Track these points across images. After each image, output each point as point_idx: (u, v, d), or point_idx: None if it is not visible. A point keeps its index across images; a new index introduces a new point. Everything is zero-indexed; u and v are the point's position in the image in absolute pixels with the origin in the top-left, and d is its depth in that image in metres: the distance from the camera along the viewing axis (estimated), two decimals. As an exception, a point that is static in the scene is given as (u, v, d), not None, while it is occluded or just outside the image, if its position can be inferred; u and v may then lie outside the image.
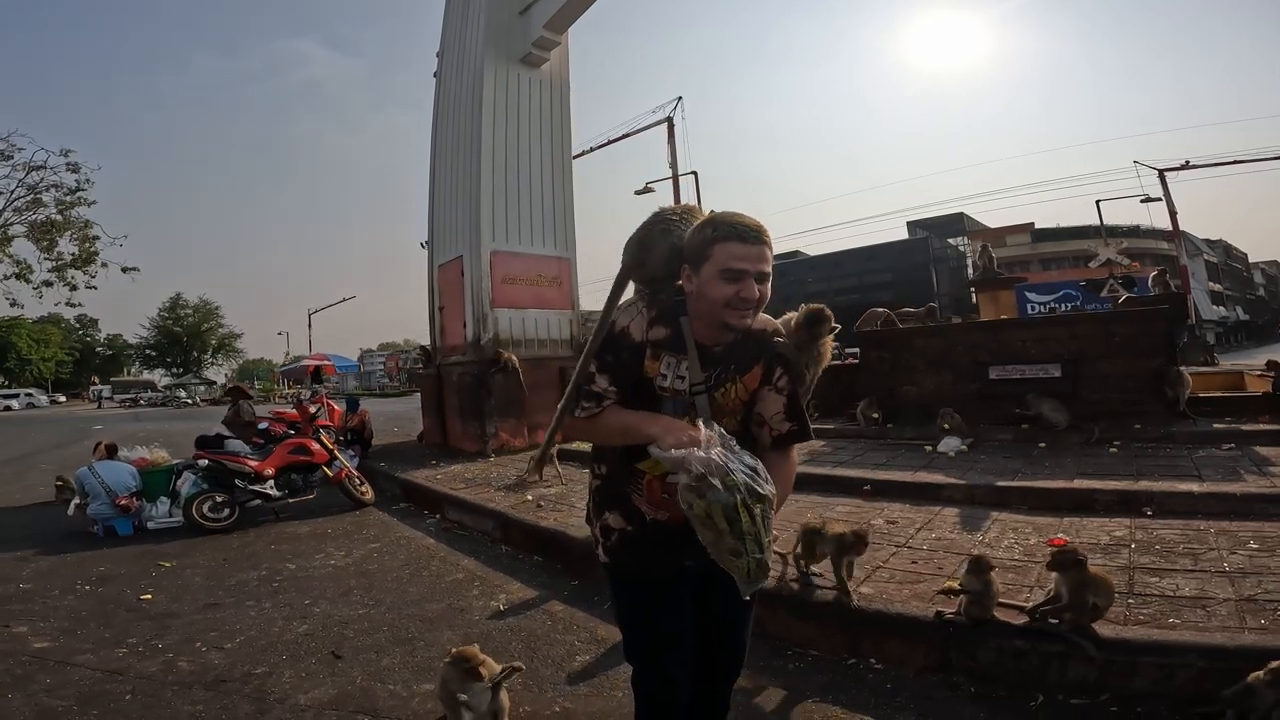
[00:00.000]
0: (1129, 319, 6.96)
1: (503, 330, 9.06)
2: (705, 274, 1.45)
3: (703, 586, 1.62)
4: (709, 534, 1.36)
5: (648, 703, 1.69)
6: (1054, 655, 2.46)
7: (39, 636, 3.35)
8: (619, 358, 1.53)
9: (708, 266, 1.45)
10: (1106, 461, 5.27)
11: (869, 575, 3.27)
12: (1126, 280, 20.20)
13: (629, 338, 1.53)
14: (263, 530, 5.75)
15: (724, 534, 1.34)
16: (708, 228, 1.46)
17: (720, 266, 1.44)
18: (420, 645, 3.15)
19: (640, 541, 1.59)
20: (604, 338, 1.55)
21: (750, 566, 1.35)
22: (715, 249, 1.44)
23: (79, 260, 23.68)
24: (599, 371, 1.53)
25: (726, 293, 1.45)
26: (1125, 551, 3.38)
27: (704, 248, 1.45)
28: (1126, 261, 27.23)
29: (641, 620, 1.65)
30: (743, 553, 1.34)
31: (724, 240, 1.44)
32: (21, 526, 6.14)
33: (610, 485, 1.64)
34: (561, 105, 10.22)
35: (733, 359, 1.57)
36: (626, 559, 1.62)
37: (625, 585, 1.67)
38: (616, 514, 1.61)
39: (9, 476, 9.90)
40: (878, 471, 5.36)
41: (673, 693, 1.65)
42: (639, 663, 1.68)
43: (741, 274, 1.44)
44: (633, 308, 1.57)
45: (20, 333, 49.10)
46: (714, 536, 1.36)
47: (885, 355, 7.92)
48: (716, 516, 1.34)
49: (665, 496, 1.52)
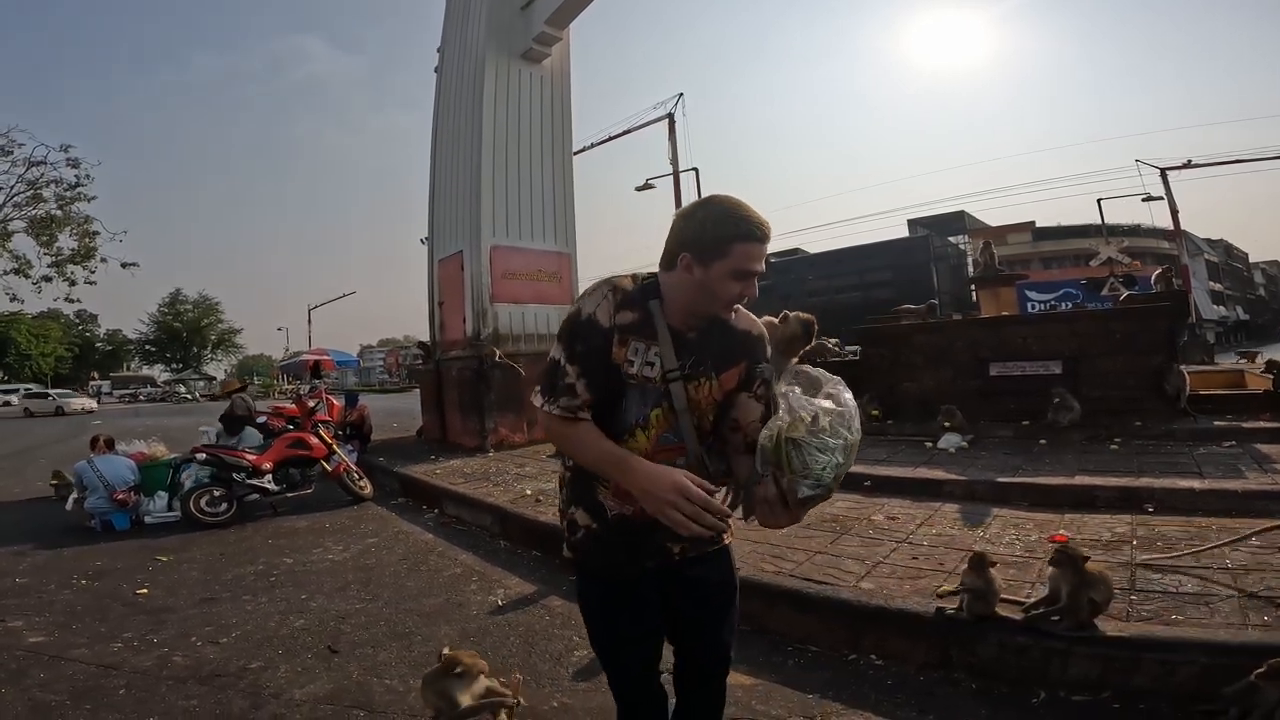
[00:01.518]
0: (1130, 316, 6.94)
1: (502, 325, 9.04)
2: (717, 271, 1.39)
3: (666, 587, 1.59)
4: (800, 431, 1.28)
5: (621, 700, 1.70)
6: (1056, 652, 2.44)
7: (34, 631, 3.33)
8: (589, 345, 1.44)
9: (722, 264, 1.38)
10: (1107, 458, 5.25)
11: (869, 571, 3.25)
12: (1127, 279, 20.18)
13: (596, 324, 1.44)
14: (260, 525, 5.73)
15: (822, 432, 1.29)
16: (728, 223, 1.38)
17: (736, 266, 1.38)
18: (418, 640, 3.13)
19: (604, 541, 1.54)
20: (571, 326, 1.46)
21: (830, 466, 1.30)
22: (736, 248, 1.38)
23: (78, 255, 23.65)
24: (568, 361, 1.44)
25: (733, 291, 1.41)
26: (1127, 548, 3.36)
27: (722, 244, 1.38)
28: (1127, 260, 27.17)
29: (605, 620, 1.63)
30: (831, 450, 1.29)
31: (744, 240, 1.38)
32: (19, 521, 6.13)
33: (579, 477, 1.57)
34: (562, 101, 10.19)
35: (708, 352, 1.51)
36: (591, 558, 1.58)
37: (590, 583, 1.64)
38: (582, 510, 1.55)
39: (7, 471, 9.89)
40: (878, 467, 5.34)
41: (641, 690, 1.67)
42: (605, 661, 1.69)
43: (751, 274, 1.41)
44: (597, 292, 1.47)
45: (20, 328, 48.90)
46: (806, 434, 1.28)
47: (885, 352, 7.90)
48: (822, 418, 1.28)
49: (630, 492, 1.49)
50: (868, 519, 4.20)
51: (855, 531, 3.95)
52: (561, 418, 1.44)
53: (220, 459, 5.99)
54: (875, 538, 3.80)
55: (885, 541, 3.72)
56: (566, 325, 1.47)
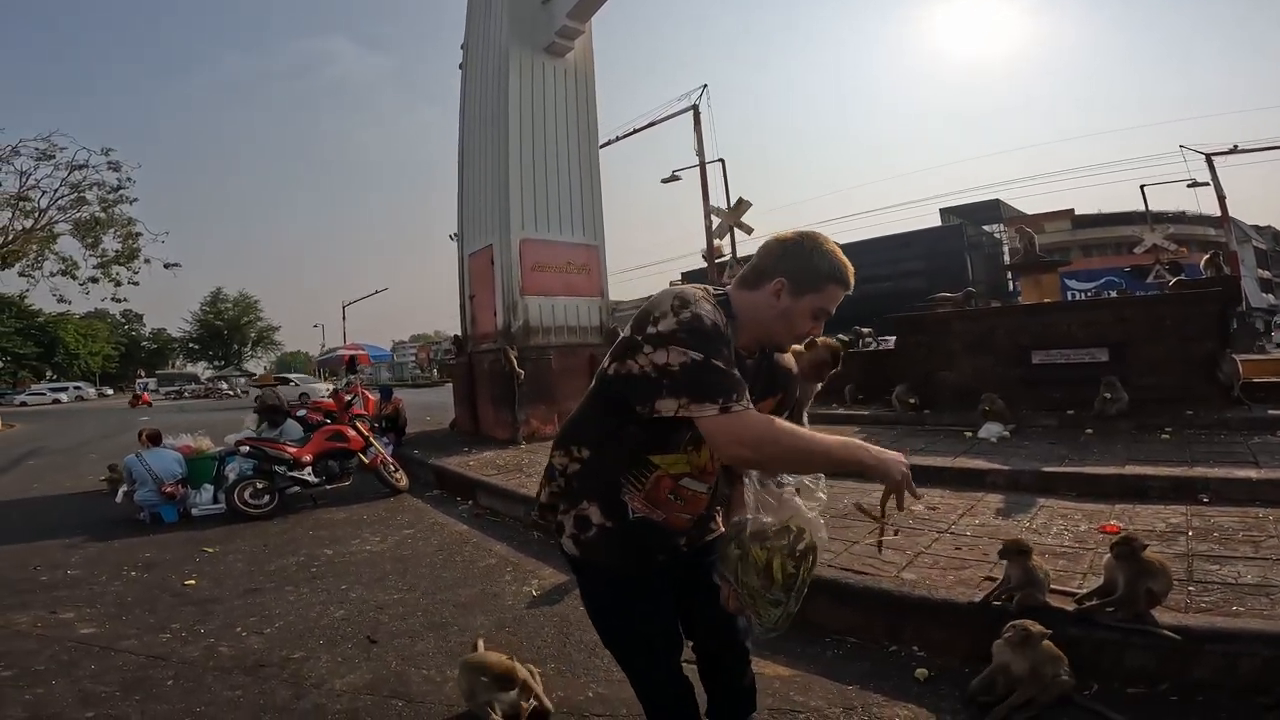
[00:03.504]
0: (1180, 301, 6.71)
1: (533, 318, 9.08)
2: (806, 304, 1.40)
3: (678, 578, 1.57)
4: (754, 581, 1.32)
5: (647, 700, 1.64)
6: (1109, 643, 2.37)
7: (85, 622, 3.43)
8: (730, 349, 1.32)
9: (811, 299, 1.40)
10: (1158, 448, 5.08)
11: (910, 561, 3.18)
12: (1173, 266, 19.54)
13: (722, 331, 1.31)
14: (301, 516, 5.84)
15: (774, 585, 1.30)
16: (830, 262, 1.40)
17: (821, 305, 1.41)
18: (454, 630, 3.15)
19: (621, 536, 1.46)
20: (701, 328, 1.28)
21: (782, 617, 1.33)
22: (830, 287, 1.41)
23: (122, 256, 24.31)
24: (728, 366, 1.28)
25: (806, 328, 1.44)
26: (1182, 539, 3.25)
27: (820, 280, 1.40)
28: (1173, 247, 26.28)
29: (621, 616, 1.56)
30: (783, 603, 1.31)
31: (838, 283, 1.41)
32: (71, 514, 6.34)
33: (596, 473, 1.47)
34: (586, 93, 10.19)
35: (758, 380, 1.48)
36: (607, 555, 1.48)
37: (601, 580, 1.56)
38: (597, 507, 1.46)
39: (60, 465, 10.25)
40: (916, 457, 5.21)
41: (666, 686, 1.61)
42: (624, 658, 1.63)
43: (827, 315, 1.44)
44: (704, 301, 1.33)
45: (68, 328, 50.70)
46: (760, 584, 1.32)
47: (922, 340, 7.75)
48: (776, 567, 1.29)
49: (671, 498, 1.46)
50: (907, 509, 4.11)
51: (894, 522, 3.87)
52: (747, 412, 1.28)
53: (263, 451, 6.13)
54: (915, 528, 3.72)
55: (926, 531, 3.64)
56: (693, 327, 1.28)
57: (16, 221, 22.24)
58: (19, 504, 7.11)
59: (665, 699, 1.63)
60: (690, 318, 1.28)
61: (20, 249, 22.42)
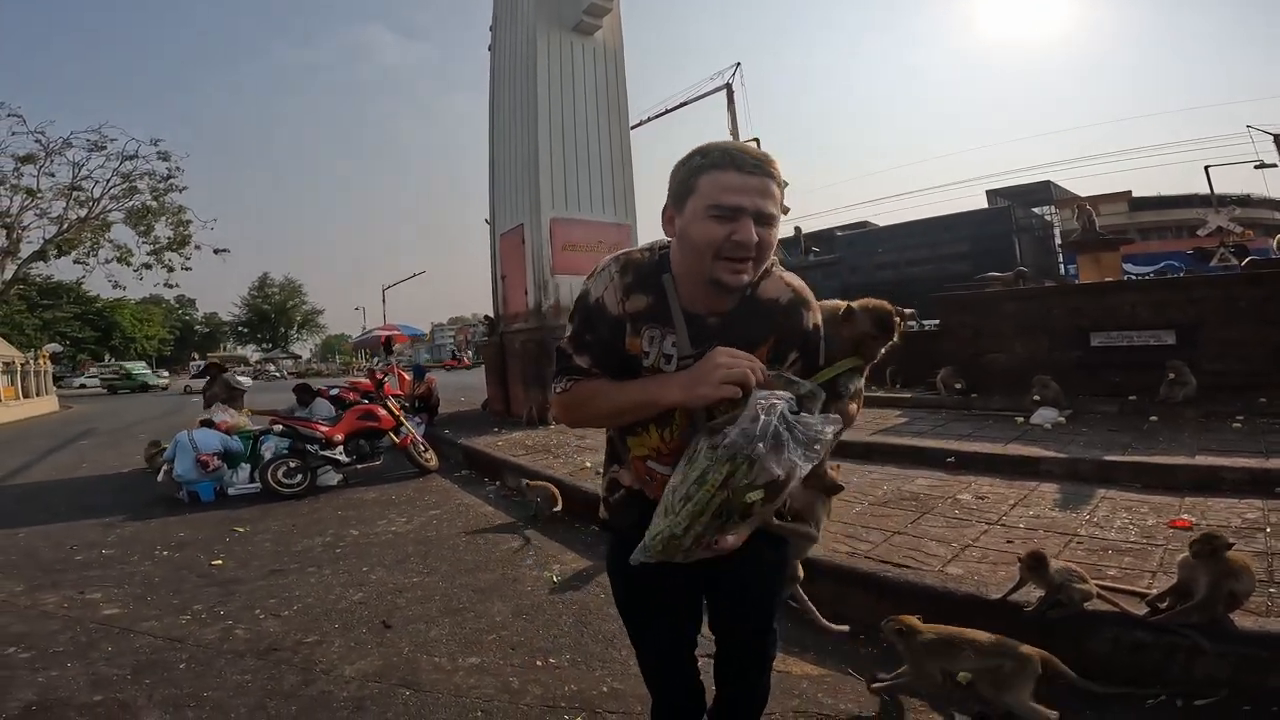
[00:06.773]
0: (1257, 282, 6.17)
1: (564, 297, 8.95)
2: (690, 212, 1.15)
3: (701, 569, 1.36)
4: (676, 477, 1.16)
5: (650, 682, 1.60)
6: (1179, 649, 2.14)
7: (111, 603, 3.41)
8: (598, 335, 1.26)
9: (693, 201, 1.14)
10: (1230, 437, 4.71)
11: (956, 555, 2.95)
12: (1239, 249, 18.46)
13: (605, 311, 1.25)
14: (331, 496, 5.84)
15: (685, 483, 1.12)
16: (695, 155, 1.16)
17: (708, 201, 1.12)
18: (470, 616, 3.04)
19: (629, 504, 1.39)
20: (577, 309, 1.29)
21: (662, 537, 1.14)
22: (702, 180, 1.13)
23: (174, 243, 25.11)
24: (576, 352, 1.28)
25: (715, 235, 1.12)
26: (1261, 536, 2.95)
27: (689, 178, 1.15)
28: (1239, 229, 24.80)
29: (628, 580, 1.41)
30: (672, 512, 1.13)
31: (715, 169, 1.13)
32: (114, 494, 6.45)
33: (612, 443, 1.43)
34: (616, 71, 10.01)
35: (733, 334, 1.21)
36: (623, 517, 1.39)
37: (613, 542, 1.46)
38: (626, 470, 1.39)
39: (107, 444, 10.57)
40: (962, 443, 4.95)
41: (668, 672, 1.56)
42: (631, 629, 1.55)
43: (737, 211, 1.11)
44: (604, 273, 1.27)
45: (124, 313, 52.58)
46: (677, 481, 1.15)
47: (969, 320, 7.38)
48: (711, 479, 1.09)
49: (648, 479, 1.33)
50: (953, 498, 3.86)
51: (938, 511, 3.63)
52: (565, 389, 1.29)
53: (295, 430, 6.14)
54: (962, 518, 3.47)
55: (974, 523, 3.39)
56: (574, 308, 1.31)
57: (71, 211, 23.10)
58: (66, 484, 7.28)
59: (654, 676, 1.58)
60: (580, 295, 1.30)
61: (75, 237, 23.29)
